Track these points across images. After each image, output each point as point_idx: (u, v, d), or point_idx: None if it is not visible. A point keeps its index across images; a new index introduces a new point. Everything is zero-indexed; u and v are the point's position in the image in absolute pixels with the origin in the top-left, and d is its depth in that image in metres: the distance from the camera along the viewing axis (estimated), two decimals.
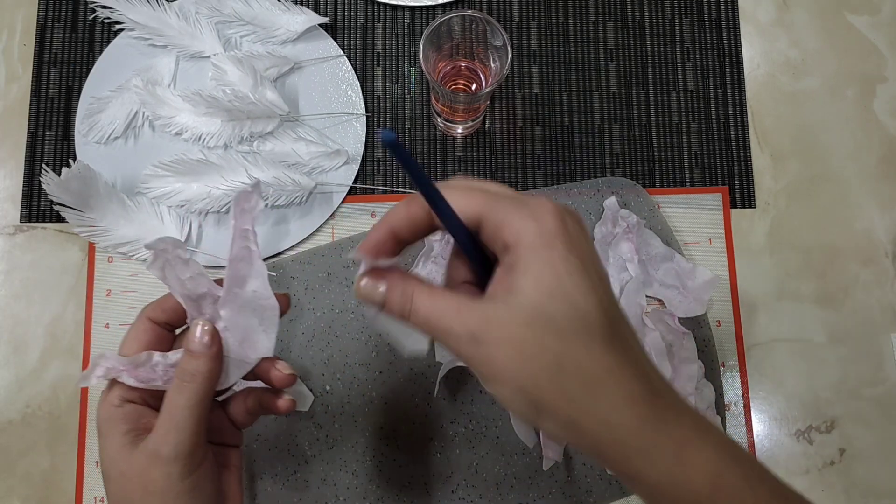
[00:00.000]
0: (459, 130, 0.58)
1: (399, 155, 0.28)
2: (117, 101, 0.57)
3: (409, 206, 0.31)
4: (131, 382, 0.38)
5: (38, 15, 0.59)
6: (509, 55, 0.48)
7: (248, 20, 0.58)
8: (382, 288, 0.30)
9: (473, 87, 0.55)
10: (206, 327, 0.36)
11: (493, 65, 0.51)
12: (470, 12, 0.47)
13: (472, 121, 0.57)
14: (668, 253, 0.55)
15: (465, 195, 0.29)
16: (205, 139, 0.56)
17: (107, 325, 0.55)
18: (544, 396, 0.27)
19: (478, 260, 0.31)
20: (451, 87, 0.55)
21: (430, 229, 0.31)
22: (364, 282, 0.30)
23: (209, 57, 0.57)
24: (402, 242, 0.31)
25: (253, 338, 0.40)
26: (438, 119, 0.57)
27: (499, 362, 0.27)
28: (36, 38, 0.59)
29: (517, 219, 0.28)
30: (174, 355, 0.38)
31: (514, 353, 0.27)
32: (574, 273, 0.28)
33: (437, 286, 0.30)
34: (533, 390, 0.27)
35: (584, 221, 0.32)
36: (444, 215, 0.29)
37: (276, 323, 0.40)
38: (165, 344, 0.38)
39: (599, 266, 0.29)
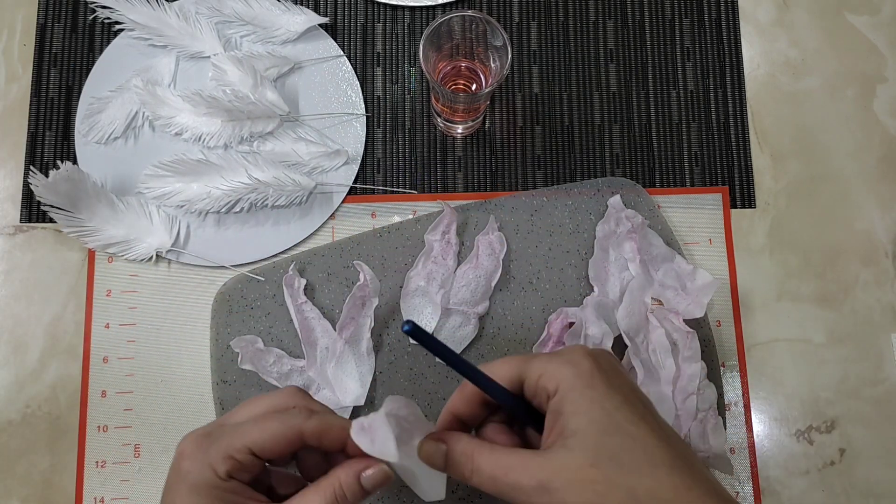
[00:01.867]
0: (459, 130, 0.58)
1: (430, 344, 0.31)
2: (117, 102, 0.57)
3: (462, 391, 0.34)
4: (247, 366, 0.50)
5: (38, 15, 0.59)
6: (509, 55, 0.48)
7: (248, 20, 0.58)
8: (443, 448, 0.31)
9: (473, 87, 0.55)
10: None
11: (493, 65, 0.51)
12: (470, 12, 0.47)
13: (472, 121, 0.57)
14: (669, 254, 0.55)
15: (502, 364, 0.33)
16: (205, 139, 0.56)
17: (107, 325, 0.55)
18: None
19: (527, 419, 0.33)
20: (451, 87, 0.55)
21: (486, 404, 0.34)
22: (426, 444, 0.31)
23: (209, 57, 0.57)
24: (466, 422, 0.34)
25: (343, 386, 0.51)
26: (438, 119, 0.57)
27: None
28: (36, 38, 0.59)
29: (554, 367, 0.31)
30: (289, 362, 0.51)
31: (586, 495, 0.28)
32: (621, 406, 0.30)
33: (496, 445, 0.32)
34: None
35: (615, 357, 0.34)
36: (486, 387, 0.32)
37: (370, 370, 0.51)
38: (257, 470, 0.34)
39: (641, 394, 0.32)
